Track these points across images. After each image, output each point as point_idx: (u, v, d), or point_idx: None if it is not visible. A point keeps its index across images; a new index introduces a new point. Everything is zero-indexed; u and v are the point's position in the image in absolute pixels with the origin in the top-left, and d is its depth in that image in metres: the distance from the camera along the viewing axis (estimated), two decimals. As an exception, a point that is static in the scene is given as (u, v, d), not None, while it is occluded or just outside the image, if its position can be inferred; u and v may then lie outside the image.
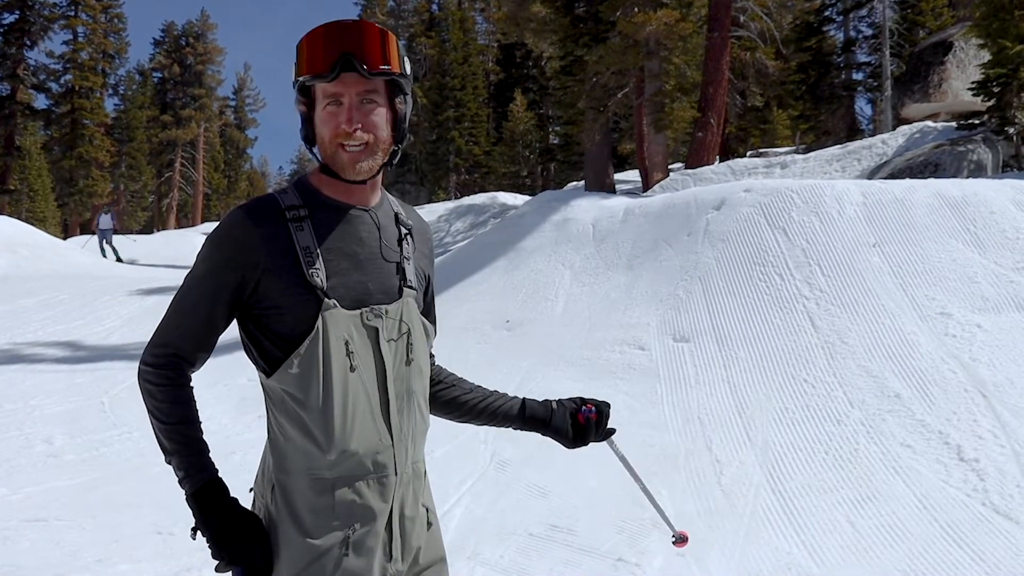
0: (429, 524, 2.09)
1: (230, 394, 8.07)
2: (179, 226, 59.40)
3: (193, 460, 1.88)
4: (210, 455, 1.92)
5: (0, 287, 15.89)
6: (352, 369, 1.88)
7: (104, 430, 7.31)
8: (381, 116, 1.91)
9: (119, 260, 26.70)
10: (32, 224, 28.63)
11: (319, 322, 1.85)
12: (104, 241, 27.61)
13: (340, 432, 1.87)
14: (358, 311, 1.90)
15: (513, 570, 4.53)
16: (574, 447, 2.41)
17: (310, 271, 1.86)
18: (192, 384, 1.94)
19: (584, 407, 2.40)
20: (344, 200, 1.97)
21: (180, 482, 1.88)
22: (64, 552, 4.76)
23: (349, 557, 1.88)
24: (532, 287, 10.48)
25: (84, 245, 29.64)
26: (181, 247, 32.07)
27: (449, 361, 2.46)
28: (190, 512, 1.86)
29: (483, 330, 9.60)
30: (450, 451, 6.27)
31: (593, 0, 19.86)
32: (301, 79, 1.89)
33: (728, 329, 7.64)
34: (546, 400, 2.39)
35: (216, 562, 1.85)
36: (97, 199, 51.82)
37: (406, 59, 1.95)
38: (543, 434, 2.37)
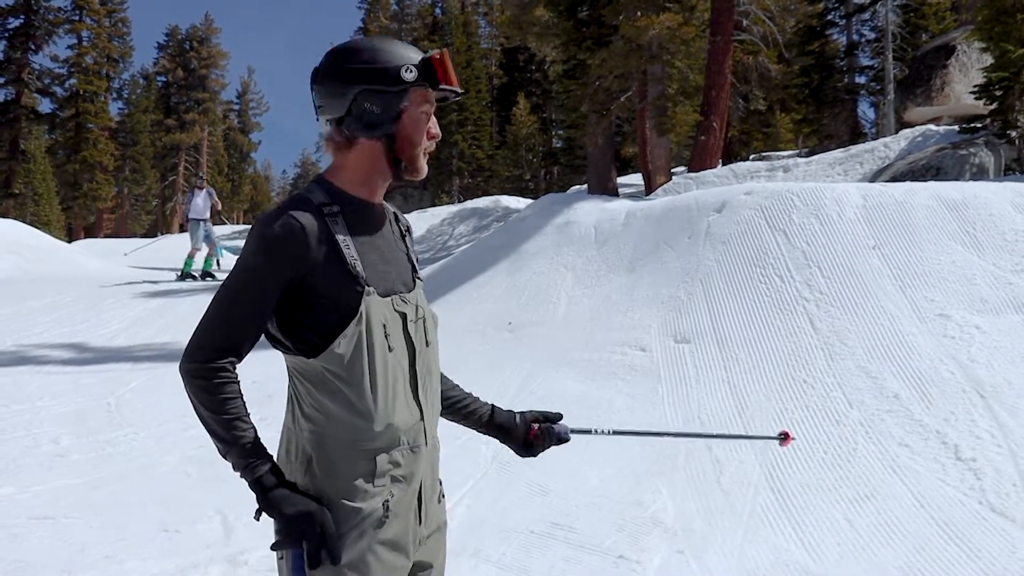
0: (441, 496, 2.30)
1: (235, 395, 8.13)
2: (183, 230, 59.49)
3: (253, 449, 2.00)
4: (265, 448, 2.04)
5: (6, 290, 15.97)
6: (390, 349, 2.07)
7: (110, 430, 7.37)
8: None
9: (206, 275, 18.35)
10: (36, 227, 28.72)
11: (362, 307, 2.03)
12: (204, 234, 18.10)
13: (383, 406, 2.04)
14: (389, 298, 2.09)
15: (515, 567, 4.58)
16: (525, 456, 2.54)
17: (352, 262, 2.04)
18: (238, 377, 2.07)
19: (536, 424, 2.53)
20: (367, 199, 2.16)
21: (241, 469, 1.99)
22: (72, 549, 4.82)
23: (389, 520, 2.05)
24: (534, 289, 10.53)
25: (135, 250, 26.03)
26: (184, 250, 32.13)
27: (451, 362, 2.57)
28: (250, 500, 1.99)
29: (485, 332, 9.66)
30: (452, 452, 6.32)
31: (596, 4, 19.92)
32: (441, 86, 2.10)
33: (728, 330, 7.69)
34: (511, 412, 2.53)
35: (275, 541, 1.98)
36: (101, 203, 51.97)
37: None
38: (501, 441, 2.52)
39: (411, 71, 2.08)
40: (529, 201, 24.94)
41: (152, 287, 17.15)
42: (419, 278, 2.25)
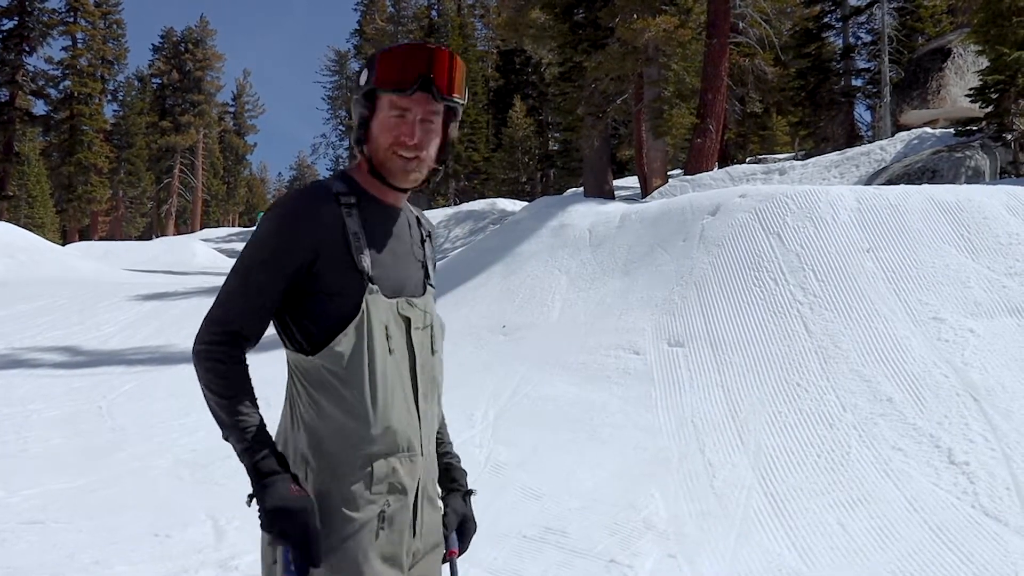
0: (438, 508, 2.21)
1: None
2: (178, 232, 59.46)
3: (255, 434, 1.91)
4: (267, 432, 1.95)
5: (-1, 292, 15.94)
6: (390, 352, 2.00)
7: (102, 434, 7.34)
8: (435, 138, 2.09)
9: None
10: (31, 230, 28.70)
11: (364, 305, 1.97)
12: None
13: (382, 409, 1.98)
14: (394, 300, 2.03)
15: (507, 572, 4.56)
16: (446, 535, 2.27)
17: (359, 256, 1.98)
18: (246, 360, 1.99)
19: (454, 547, 2.27)
20: (384, 200, 2.10)
21: (240, 453, 1.91)
22: (61, 554, 4.79)
23: (385, 530, 1.97)
24: (529, 292, 10.52)
25: None
26: (180, 253, 32.13)
27: (447, 365, 2.51)
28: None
29: (480, 335, 9.64)
30: (445, 454, 6.31)
31: (592, 6, 19.93)
32: (377, 88, 2.01)
33: (722, 333, 7.68)
34: (462, 497, 2.34)
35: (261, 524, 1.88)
36: (95, 205, 51.91)
37: (466, 87, 2.12)
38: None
39: (364, 75, 2.04)
40: (526, 204, 24.95)
41: (146, 290, 17.11)
42: (431, 285, 2.19)
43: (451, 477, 2.36)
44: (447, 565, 2.23)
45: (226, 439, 1.94)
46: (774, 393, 6.59)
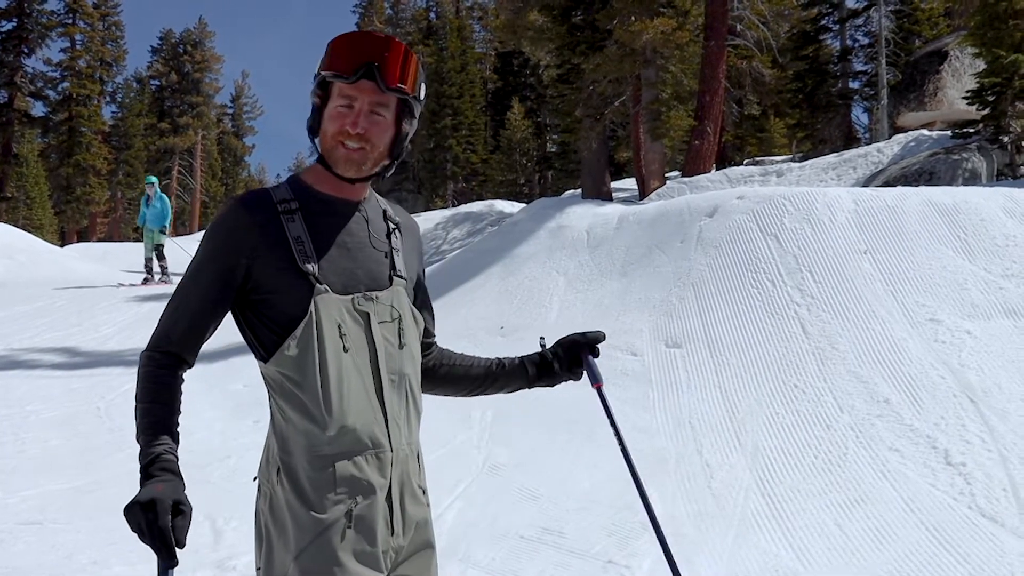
0: (423, 504, 2.16)
1: (226, 400, 8.11)
2: (176, 234, 59.33)
3: (151, 430, 1.90)
4: (168, 438, 1.90)
5: (-3, 293, 15.92)
6: (345, 350, 1.98)
7: (100, 435, 7.34)
8: (385, 130, 2.03)
9: None
10: (29, 231, 28.65)
11: (312, 306, 1.96)
12: None
13: (337, 408, 1.96)
14: (349, 296, 2.01)
15: (504, 572, 4.57)
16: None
17: (301, 258, 1.97)
18: (179, 374, 2.00)
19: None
20: (334, 194, 2.08)
21: (139, 453, 1.88)
22: (59, 554, 4.80)
23: (353, 529, 1.95)
24: (527, 293, 10.52)
25: None
26: (178, 255, 32.06)
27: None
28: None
29: (478, 336, 9.64)
30: (443, 455, 6.32)
31: (590, 8, 19.94)
32: (324, 74, 2.01)
33: (720, 335, 7.69)
34: (543, 353, 2.58)
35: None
36: (94, 207, 51.88)
37: (423, 84, 2.08)
38: (551, 384, 2.55)
39: (318, 64, 2.03)
40: (524, 205, 24.94)
41: (144, 292, 17.11)
42: (399, 276, 2.12)
43: (519, 362, 2.53)
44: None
45: (137, 441, 1.92)
46: (771, 394, 6.60)
